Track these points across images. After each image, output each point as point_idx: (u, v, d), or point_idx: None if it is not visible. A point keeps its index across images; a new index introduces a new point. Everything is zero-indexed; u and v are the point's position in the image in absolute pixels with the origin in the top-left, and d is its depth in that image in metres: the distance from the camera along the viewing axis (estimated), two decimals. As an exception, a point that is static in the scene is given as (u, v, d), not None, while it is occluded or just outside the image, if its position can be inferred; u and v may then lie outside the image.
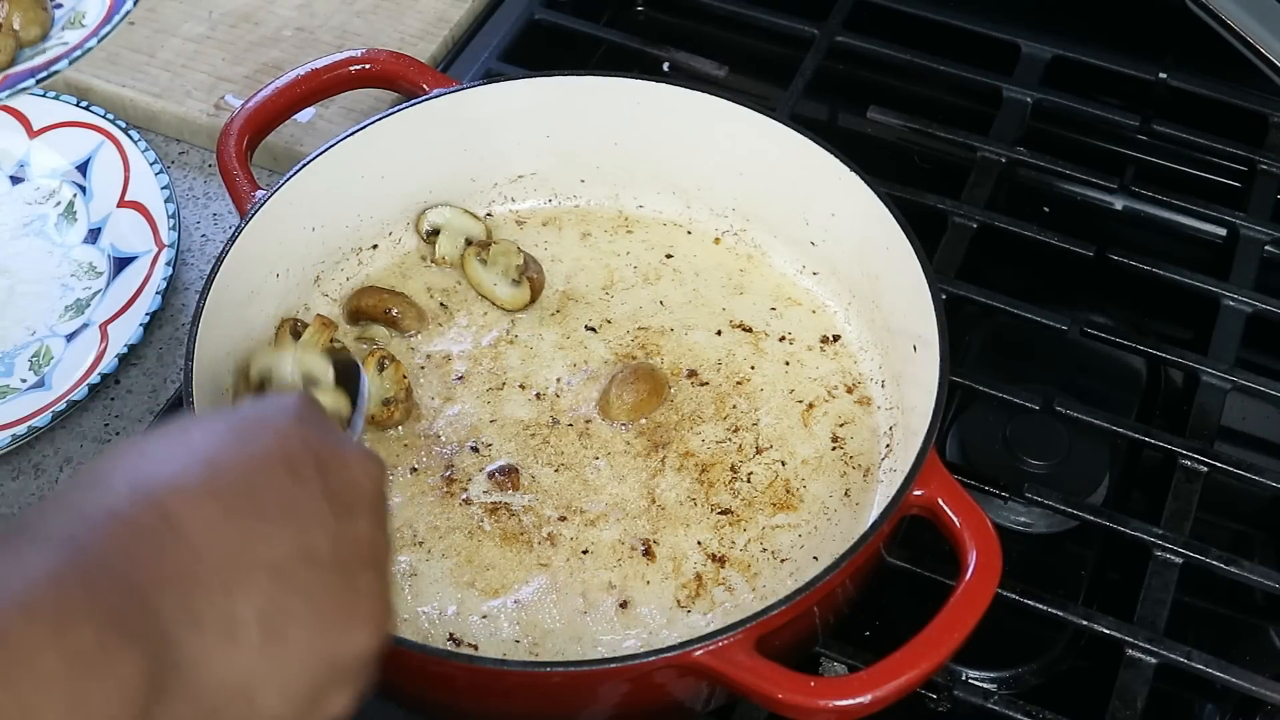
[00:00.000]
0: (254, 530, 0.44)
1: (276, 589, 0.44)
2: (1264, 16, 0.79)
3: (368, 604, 0.47)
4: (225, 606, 0.43)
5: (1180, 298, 0.88)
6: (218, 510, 0.44)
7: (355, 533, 0.47)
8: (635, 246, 0.86)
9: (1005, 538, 0.64)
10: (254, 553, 0.44)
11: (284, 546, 0.45)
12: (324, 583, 0.45)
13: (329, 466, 0.47)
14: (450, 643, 0.69)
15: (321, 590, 0.45)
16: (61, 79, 0.96)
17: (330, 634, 0.45)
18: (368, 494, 0.48)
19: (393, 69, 0.84)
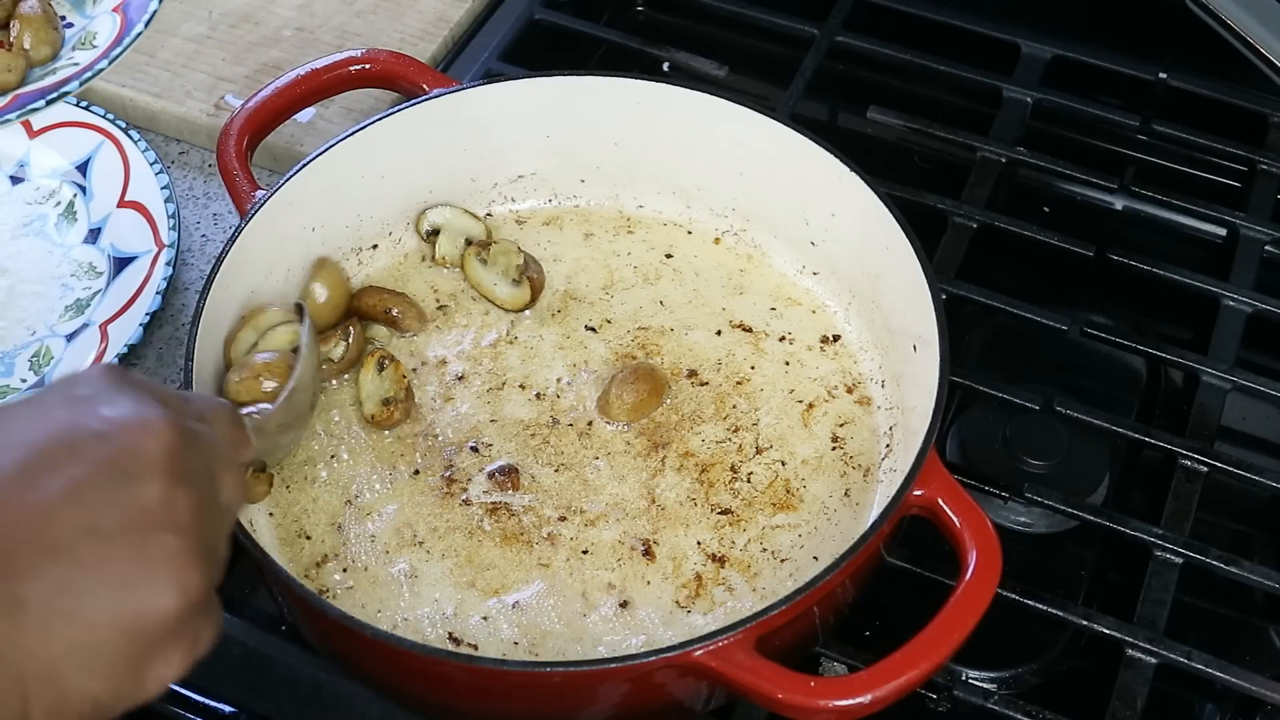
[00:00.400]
0: (33, 513, 0.45)
1: (59, 567, 0.44)
2: (1264, 16, 0.79)
3: (163, 566, 0.46)
4: (5, 592, 0.43)
5: (1180, 298, 0.88)
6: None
7: (140, 499, 0.47)
8: (635, 246, 0.86)
9: (1005, 538, 0.64)
10: (33, 535, 0.44)
11: (65, 524, 0.45)
12: (109, 553, 0.45)
13: (109, 437, 0.47)
14: (450, 643, 0.69)
15: (107, 561, 0.45)
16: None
17: (125, 602, 0.45)
18: (154, 456, 0.48)
19: (393, 69, 0.84)
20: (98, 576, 0.45)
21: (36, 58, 0.77)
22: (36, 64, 0.77)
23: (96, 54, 0.76)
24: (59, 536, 0.45)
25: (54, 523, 0.45)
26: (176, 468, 0.48)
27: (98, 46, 0.77)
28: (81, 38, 0.78)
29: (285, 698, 0.70)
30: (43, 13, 0.78)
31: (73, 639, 0.44)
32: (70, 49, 0.78)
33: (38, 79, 0.76)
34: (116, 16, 0.78)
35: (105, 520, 0.46)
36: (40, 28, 0.77)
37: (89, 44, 0.77)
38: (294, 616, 0.69)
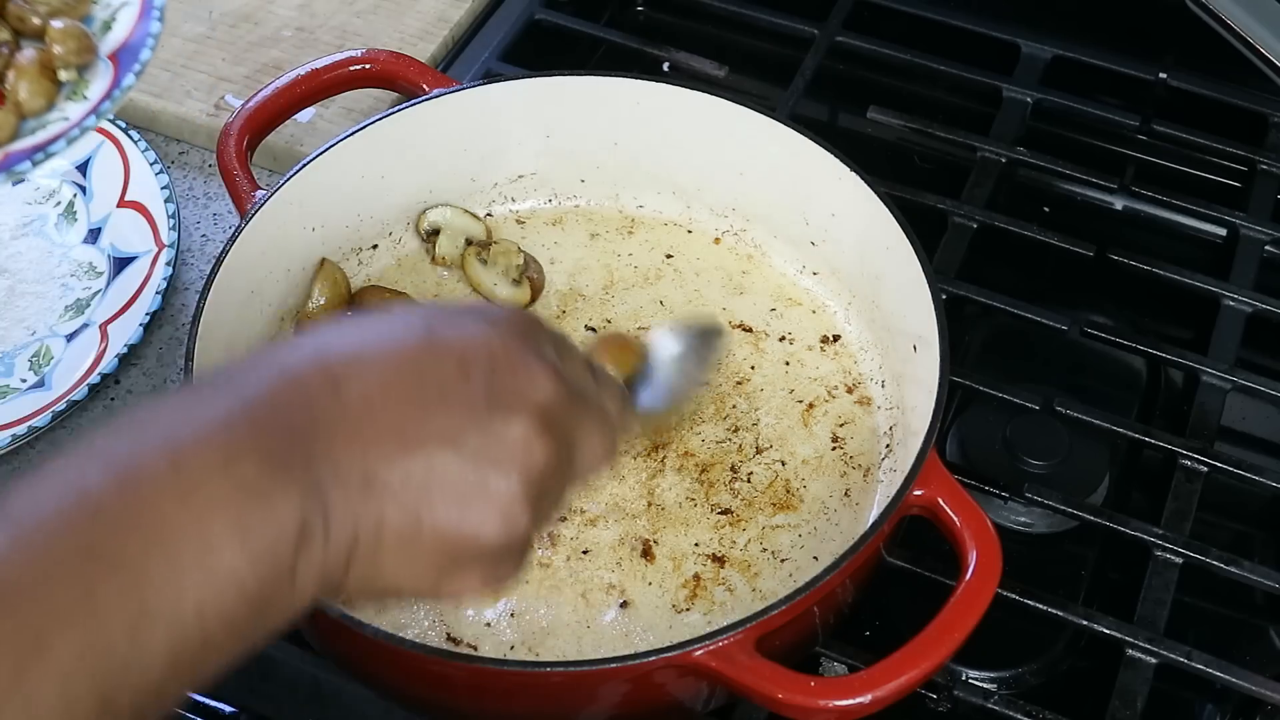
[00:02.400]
0: (406, 408, 0.48)
1: (413, 465, 0.48)
2: (1264, 16, 0.79)
3: (499, 501, 0.49)
4: (364, 467, 0.47)
5: (1180, 298, 0.88)
6: (378, 384, 0.48)
7: (504, 434, 0.49)
8: (636, 246, 0.86)
9: (1005, 538, 0.64)
10: (400, 427, 0.48)
11: (430, 428, 0.48)
12: (458, 470, 0.48)
13: (500, 370, 0.50)
14: (449, 643, 0.69)
15: (454, 475, 0.48)
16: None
17: (454, 515, 0.48)
18: (531, 400, 0.50)
19: (393, 69, 0.84)
20: (441, 487, 0.48)
21: (30, 109, 0.75)
22: (30, 115, 0.75)
23: (87, 107, 0.74)
24: (424, 439, 0.48)
25: (424, 424, 0.48)
26: (547, 422, 0.50)
27: (89, 99, 0.75)
28: (75, 87, 0.77)
29: (285, 698, 0.70)
30: (39, 62, 0.76)
31: (402, 529, 0.47)
32: (63, 99, 0.76)
33: (29, 132, 0.75)
34: (109, 65, 0.77)
35: (467, 440, 0.49)
36: (36, 79, 0.75)
37: (81, 95, 0.76)
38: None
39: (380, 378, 0.48)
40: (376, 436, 0.47)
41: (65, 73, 0.77)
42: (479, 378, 0.50)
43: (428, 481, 0.48)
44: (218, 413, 0.46)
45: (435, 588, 0.50)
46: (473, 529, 0.49)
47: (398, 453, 0.48)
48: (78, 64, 0.77)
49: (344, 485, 0.46)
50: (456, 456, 0.48)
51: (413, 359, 0.49)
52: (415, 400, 0.48)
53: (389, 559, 0.48)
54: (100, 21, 0.79)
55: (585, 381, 0.55)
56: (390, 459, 0.47)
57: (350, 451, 0.47)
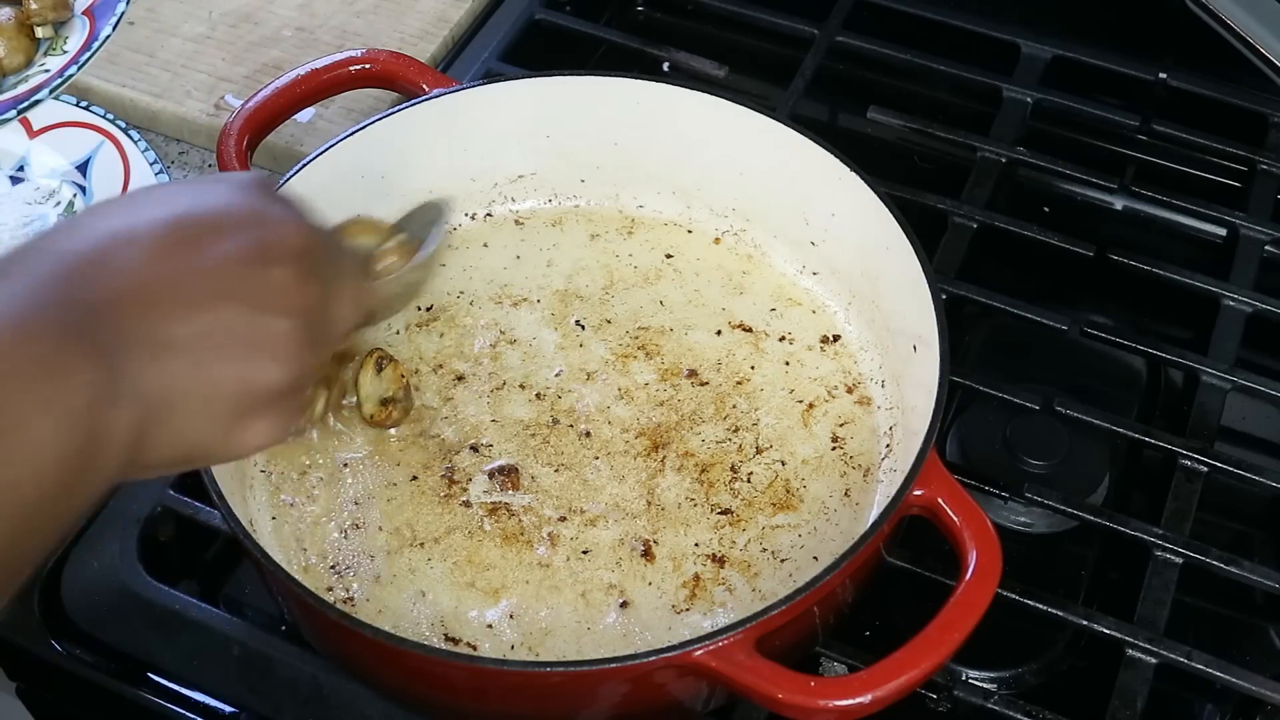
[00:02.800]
0: (178, 271, 0.52)
1: (196, 322, 0.51)
2: (1264, 16, 0.79)
3: (279, 343, 0.54)
4: (149, 331, 0.50)
5: (1180, 298, 0.88)
6: (151, 253, 0.51)
7: (273, 280, 0.53)
8: (635, 246, 0.86)
9: (1005, 538, 0.64)
10: (180, 290, 0.51)
11: (206, 287, 0.52)
12: (238, 319, 0.52)
13: (257, 223, 0.54)
14: (449, 643, 0.69)
15: (236, 325, 0.52)
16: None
17: (241, 363, 0.53)
18: (292, 248, 0.55)
19: (393, 69, 0.84)
20: (225, 338, 0.52)
21: (10, 66, 0.78)
22: (10, 72, 0.78)
23: (66, 59, 0.76)
24: (201, 295, 0.52)
25: (199, 283, 0.52)
26: (306, 263, 0.55)
27: (68, 51, 0.77)
28: (53, 43, 0.78)
29: (285, 698, 0.70)
30: (16, 21, 0.78)
31: (192, 384, 0.51)
32: (42, 54, 0.78)
33: (10, 87, 0.77)
34: (85, 20, 0.78)
35: (241, 291, 0.52)
36: (14, 37, 0.78)
37: (59, 49, 0.78)
38: (294, 616, 0.69)
39: (152, 247, 0.51)
40: (156, 300, 0.51)
41: (42, 30, 0.79)
42: (239, 235, 0.53)
43: (210, 334, 0.51)
44: (10, 295, 0.48)
45: (229, 440, 0.54)
46: (260, 374, 0.53)
47: (178, 311, 0.51)
48: (54, 20, 0.79)
49: (134, 348, 0.49)
50: (234, 307, 0.52)
51: (176, 226, 0.53)
52: (186, 263, 0.52)
53: (184, 415, 0.51)
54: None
55: (330, 236, 0.60)
56: (172, 318, 0.51)
57: (133, 317, 0.50)
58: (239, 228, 0.54)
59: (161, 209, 0.53)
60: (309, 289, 0.55)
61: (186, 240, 0.52)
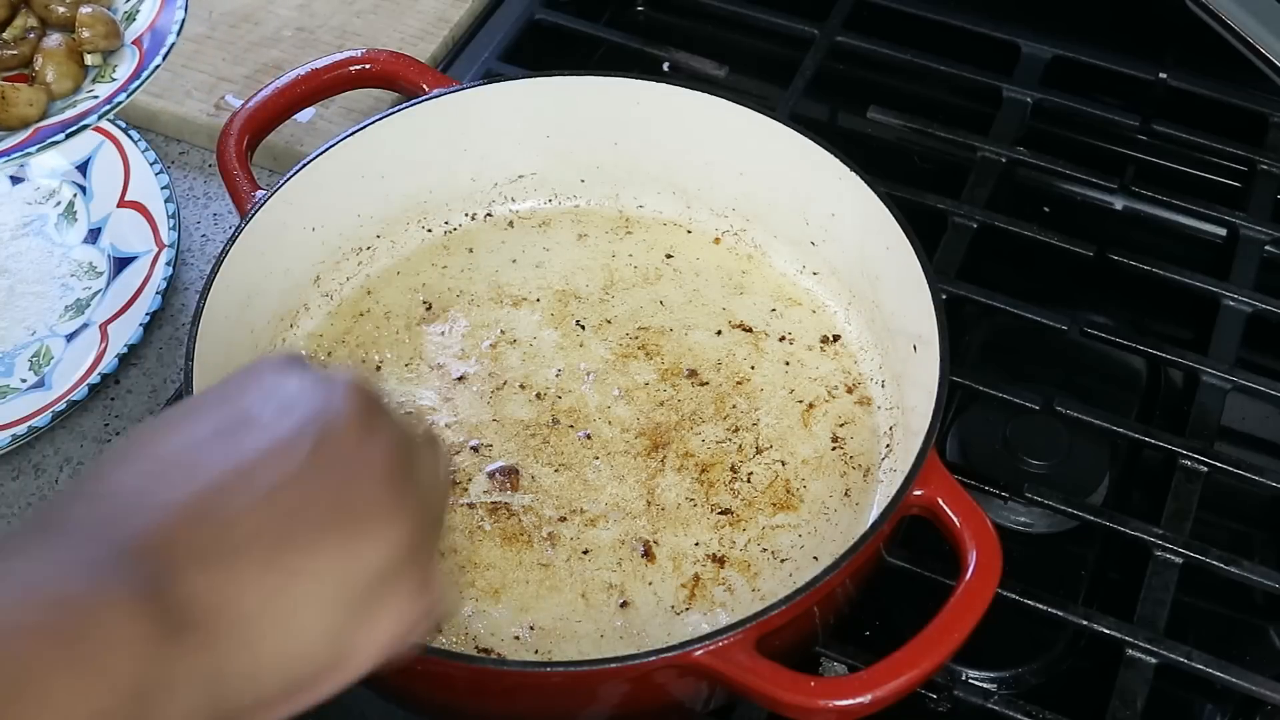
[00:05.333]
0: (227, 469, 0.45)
1: (257, 515, 0.44)
2: (1264, 16, 0.79)
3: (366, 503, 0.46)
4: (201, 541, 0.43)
5: (1180, 298, 0.88)
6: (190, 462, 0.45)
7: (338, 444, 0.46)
8: (635, 246, 0.86)
9: (1005, 538, 0.64)
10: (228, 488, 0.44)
11: (261, 476, 0.45)
12: (307, 499, 0.45)
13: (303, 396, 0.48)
14: (449, 643, 0.69)
15: (306, 507, 0.45)
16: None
17: (327, 548, 0.44)
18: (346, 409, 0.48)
19: (393, 69, 0.84)
20: (296, 523, 0.44)
21: (59, 91, 0.79)
22: (58, 97, 0.79)
23: (115, 86, 0.77)
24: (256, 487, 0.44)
25: (251, 476, 0.45)
26: (369, 417, 0.48)
27: (117, 79, 0.78)
28: (101, 71, 0.79)
29: (285, 698, 0.70)
30: (66, 47, 0.79)
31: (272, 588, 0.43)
32: (90, 81, 0.79)
33: (58, 111, 0.78)
34: (135, 49, 0.80)
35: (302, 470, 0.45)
36: (63, 61, 0.79)
37: (108, 77, 0.79)
38: (294, 616, 0.69)
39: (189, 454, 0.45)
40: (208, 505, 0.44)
41: (91, 57, 0.80)
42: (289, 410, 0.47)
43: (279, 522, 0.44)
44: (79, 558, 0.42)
45: (356, 641, 0.45)
46: (350, 547, 0.45)
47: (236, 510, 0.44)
48: (104, 49, 0.80)
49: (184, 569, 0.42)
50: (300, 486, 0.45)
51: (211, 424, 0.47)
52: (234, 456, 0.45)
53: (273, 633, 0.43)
54: (123, 12, 0.82)
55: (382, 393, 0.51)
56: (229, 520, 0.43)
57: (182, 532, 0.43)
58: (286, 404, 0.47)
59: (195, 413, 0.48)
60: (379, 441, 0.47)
61: (230, 436, 0.46)
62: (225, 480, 0.44)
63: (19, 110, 0.76)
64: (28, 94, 0.77)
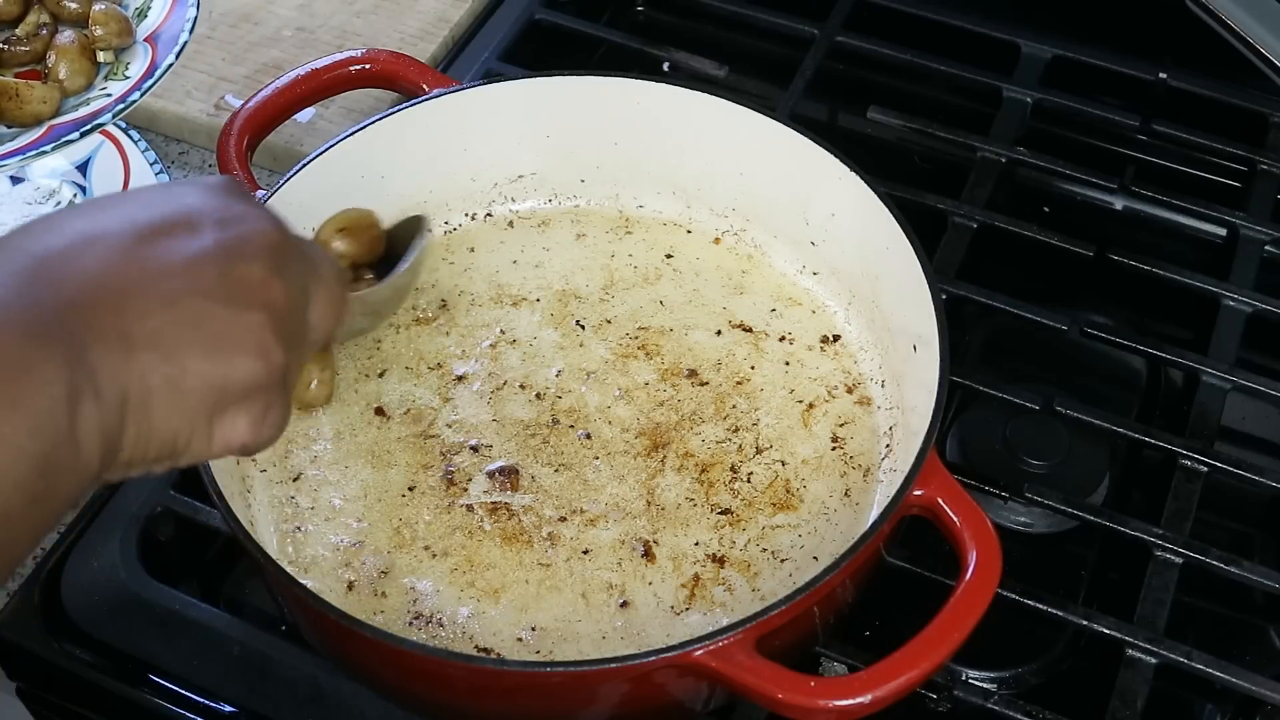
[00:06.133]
0: (151, 268, 0.51)
1: (166, 316, 0.51)
2: (1264, 16, 0.79)
3: (251, 336, 0.53)
4: (120, 325, 0.50)
5: (1180, 298, 0.88)
6: (120, 250, 0.51)
7: (244, 275, 0.53)
8: (635, 246, 0.86)
9: (1005, 538, 0.64)
10: (148, 286, 0.51)
11: (177, 282, 0.51)
12: (210, 313, 0.52)
13: (227, 222, 0.54)
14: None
15: (207, 319, 0.52)
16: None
17: (213, 358, 0.52)
18: (261, 246, 0.54)
19: (393, 69, 0.84)
20: (196, 332, 0.51)
21: (72, 88, 0.79)
22: (71, 94, 0.79)
23: (129, 85, 0.78)
24: (170, 291, 0.51)
25: (167, 279, 0.51)
26: (277, 260, 0.55)
27: (130, 77, 0.78)
28: (113, 68, 0.79)
29: (285, 698, 0.70)
30: (78, 44, 0.79)
31: (167, 379, 0.50)
32: (103, 78, 0.79)
33: (71, 109, 0.77)
34: (148, 47, 0.80)
35: (209, 286, 0.52)
36: (76, 59, 0.79)
37: (121, 74, 0.79)
38: (294, 616, 0.69)
39: (120, 245, 0.51)
40: (125, 296, 0.50)
41: (103, 54, 0.80)
42: (210, 231, 0.53)
43: (182, 327, 0.51)
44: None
45: (208, 436, 0.53)
46: (233, 368, 0.52)
47: (150, 306, 0.50)
48: (117, 45, 0.80)
49: (104, 344, 0.49)
50: (205, 301, 0.52)
51: (146, 224, 0.53)
52: (156, 259, 0.52)
53: (159, 410, 0.50)
54: (134, 9, 0.81)
55: (303, 239, 0.59)
56: (143, 313, 0.50)
57: (104, 312, 0.49)
58: (209, 225, 0.54)
59: (132, 208, 0.54)
60: (280, 284, 0.55)
61: (156, 237, 0.52)
62: (142, 275, 0.51)
63: (32, 107, 0.76)
64: (41, 91, 0.77)
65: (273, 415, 0.56)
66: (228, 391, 0.53)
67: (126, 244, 0.52)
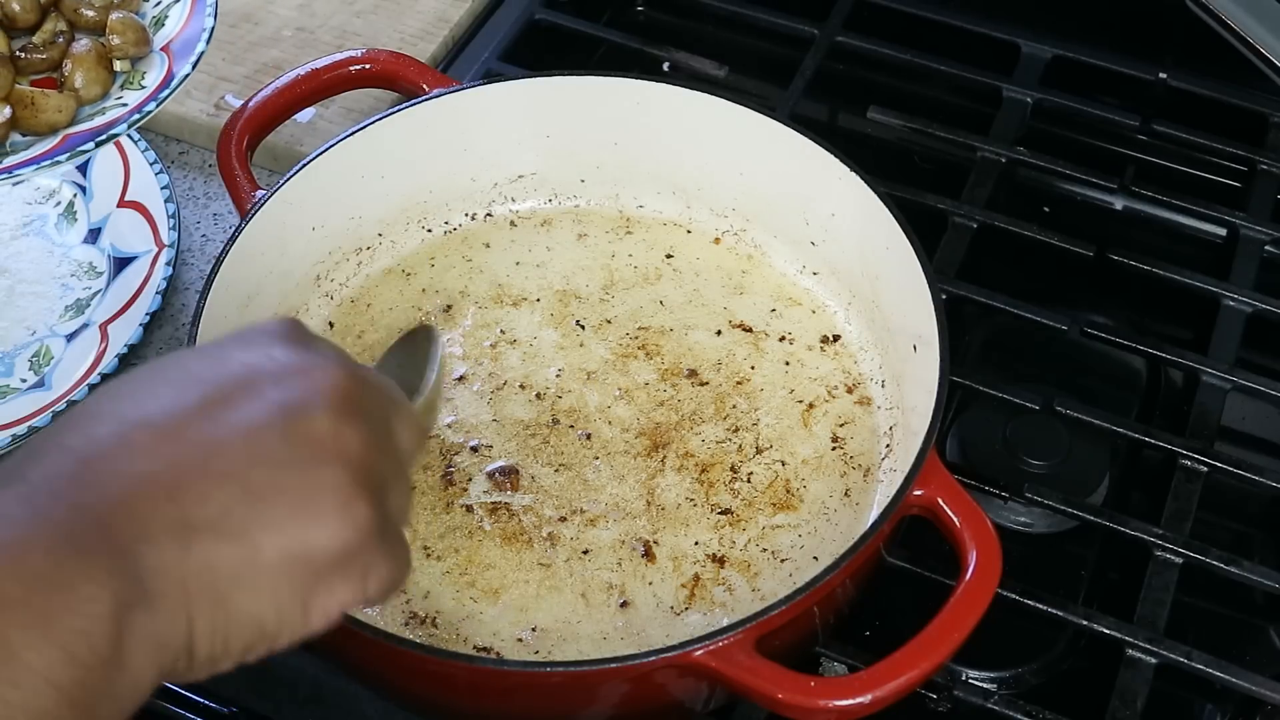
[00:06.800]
0: (206, 445, 0.46)
1: (227, 494, 0.45)
2: (1264, 16, 0.79)
3: (329, 497, 0.47)
4: (174, 514, 0.44)
5: (1180, 298, 0.88)
6: (169, 436, 0.46)
7: (310, 431, 0.48)
8: (635, 246, 0.86)
9: (1005, 538, 0.64)
10: (205, 465, 0.46)
11: (236, 455, 0.46)
12: (277, 481, 0.46)
13: (284, 378, 0.49)
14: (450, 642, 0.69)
15: (275, 489, 0.46)
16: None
17: (289, 528, 0.46)
18: (325, 394, 0.49)
19: (393, 69, 0.84)
20: (265, 504, 0.46)
21: (87, 97, 0.78)
22: (86, 103, 0.78)
23: (145, 95, 0.77)
24: (229, 466, 0.46)
25: (225, 454, 0.46)
26: (347, 406, 0.49)
27: (146, 87, 0.78)
28: (129, 77, 0.79)
29: (285, 698, 0.70)
30: (95, 52, 0.79)
31: (239, 561, 0.45)
32: (119, 87, 0.79)
33: (86, 118, 0.77)
34: (164, 56, 0.79)
35: (274, 452, 0.47)
36: (92, 67, 0.78)
37: (137, 84, 0.78)
38: (294, 616, 0.69)
39: (171, 427, 0.46)
40: (180, 481, 0.45)
41: (120, 63, 0.79)
42: (269, 392, 0.48)
43: (247, 503, 0.46)
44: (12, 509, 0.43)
45: (305, 614, 0.47)
46: (314, 535, 0.47)
47: (208, 488, 0.45)
48: (133, 55, 0.79)
49: (156, 540, 0.44)
50: (271, 469, 0.46)
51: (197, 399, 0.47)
52: (212, 435, 0.46)
53: (239, 600, 0.45)
54: (152, 17, 0.81)
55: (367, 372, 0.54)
56: (202, 497, 0.45)
57: (156, 505, 0.44)
58: (268, 385, 0.48)
59: (183, 380, 0.48)
60: (352, 431, 0.49)
61: (210, 410, 0.47)
62: (197, 456, 0.46)
63: (48, 116, 0.76)
64: (57, 100, 0.76)
65: (379, 571, 0.49)
66: (314, 561, 0.47)
67: (177, 425, 0.46)
